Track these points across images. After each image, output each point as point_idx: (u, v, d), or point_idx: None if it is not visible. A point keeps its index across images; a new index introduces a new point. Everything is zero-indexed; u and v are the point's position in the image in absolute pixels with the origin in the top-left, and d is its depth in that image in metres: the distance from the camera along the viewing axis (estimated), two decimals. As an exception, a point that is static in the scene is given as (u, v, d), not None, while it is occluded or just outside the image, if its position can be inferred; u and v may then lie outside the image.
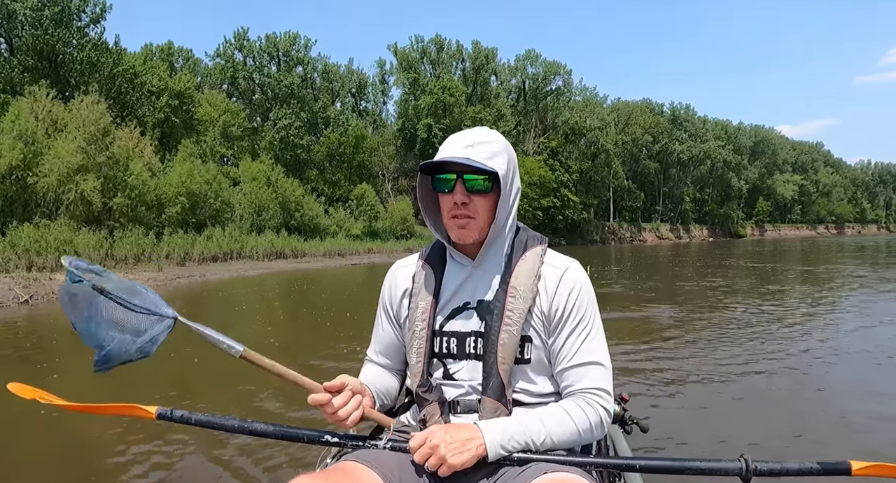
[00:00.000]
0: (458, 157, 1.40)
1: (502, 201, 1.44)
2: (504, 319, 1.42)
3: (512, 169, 1.47)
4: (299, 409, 4.78)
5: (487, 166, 1.39)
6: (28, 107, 24.43)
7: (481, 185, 1.42)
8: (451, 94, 55.00)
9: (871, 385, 5.39)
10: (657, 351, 7.01)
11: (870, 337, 7.66)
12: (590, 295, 1.48)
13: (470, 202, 1.43)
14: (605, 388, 1.41)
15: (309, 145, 50.17)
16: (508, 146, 1.49)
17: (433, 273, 1.55)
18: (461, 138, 1.45)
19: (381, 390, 1.57)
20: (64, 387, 6.00)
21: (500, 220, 1.45)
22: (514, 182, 1.49)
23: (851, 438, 4.07)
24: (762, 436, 4.11)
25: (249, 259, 27.47)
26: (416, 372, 1.50)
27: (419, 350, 1.49)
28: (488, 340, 1.43)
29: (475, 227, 1.45)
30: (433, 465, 1.24)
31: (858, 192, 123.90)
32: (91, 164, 23.76)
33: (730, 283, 15.86)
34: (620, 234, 71.70)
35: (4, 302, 12.93)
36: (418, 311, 1.52)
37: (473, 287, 1.50)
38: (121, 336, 1.29)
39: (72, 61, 34.09)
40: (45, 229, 20.18)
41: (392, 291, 1.63)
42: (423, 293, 1.53)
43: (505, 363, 1.41)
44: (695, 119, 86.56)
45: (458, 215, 1.44)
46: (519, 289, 1.44)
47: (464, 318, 1.48)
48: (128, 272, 19.00)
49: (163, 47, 48.94)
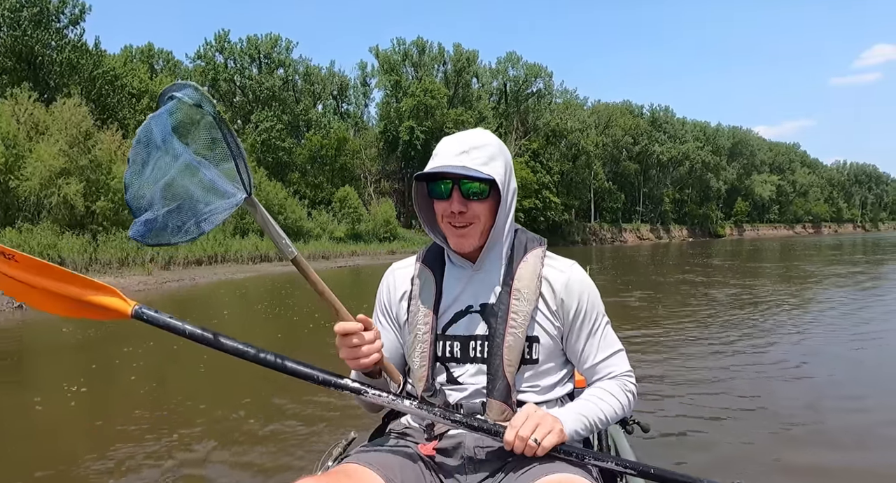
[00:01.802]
0: (452, 167, 1.37)
1: (502, 206, 1.43)
2: (509, 322, 1.42)
3: (508, 171, 1.45)
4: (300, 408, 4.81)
5: (484, 173, 1.37)
6: (9, 109, 24.14)
7: (478, 191, 1.40)
8: (433, 96, 55.06)
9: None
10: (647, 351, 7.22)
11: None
12: (596, 293, 1.52)
13: (468, 209, 1.40)
14: (630, 369, 1.53)
15: (291, 148, 49.93)
16: (503, 147, 1.46)
17: (433, 276, 1.52)
18: (455, 143, 1.42)
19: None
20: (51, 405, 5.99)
21: (499, 225, 1.44)
22: (511, 184, 1.47)
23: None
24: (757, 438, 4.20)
25: (234, 262, 27.37)
26: (420, 376, 1.46)
27: (423, 354, 1.47)
28: (493, 343, 1.42)
29: (474, 234, 1.43)
30: (543, 433, 1.26)
31: (835, 191, 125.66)
32: (73, 168, 23.54)
33: (709, 279, 16.20)
34: (602, 235, 72.17)
35: (-1, 307, 12.85)
36: (420, 315, 1.49)
37: (475, 290, 1.49)
38: (181, 203, 1.13)
39: (51, 63, 33.72)
40: (27, 233, 20.03)
41: (391, 293, 1.60)
42: (425, 296, 1.51)
43: (511, 365, 1.41)
44: (674, 120, 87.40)
45: (457, 223, 1.42)
46: (523, 291, 1.44)
47: (467, 322, 1.47)
48: (116, 276, 18.89)
49: (143, 49, 48.55)
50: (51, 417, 5.06)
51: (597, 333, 1.50)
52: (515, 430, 1.27)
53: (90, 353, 8.19)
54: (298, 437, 4.02)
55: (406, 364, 1.57)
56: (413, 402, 1.33)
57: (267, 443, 3.99)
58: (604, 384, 1.49)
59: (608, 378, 1.51)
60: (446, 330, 1.48)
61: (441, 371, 1.48)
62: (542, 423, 1.28)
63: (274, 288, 18.75)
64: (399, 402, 1.32)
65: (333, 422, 4.29)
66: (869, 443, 3.98)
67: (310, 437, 4.03)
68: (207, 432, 4.19)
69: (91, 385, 6.18)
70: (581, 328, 1.48)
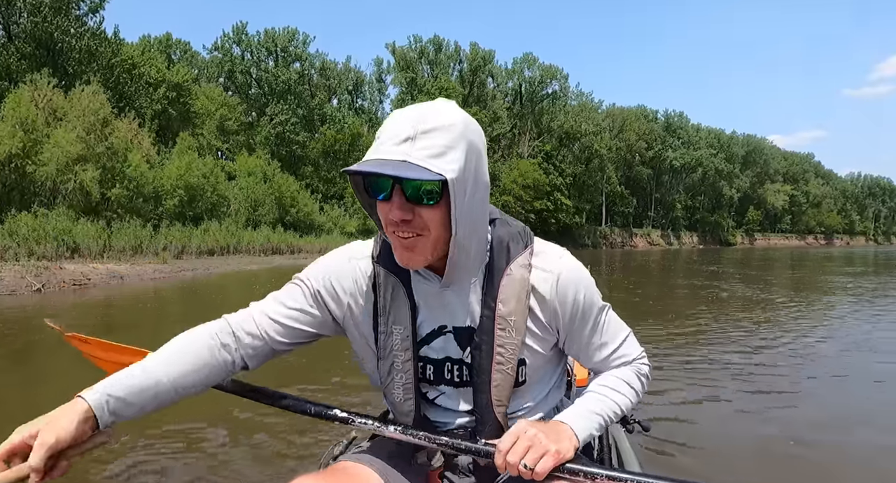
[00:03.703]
0: (388, 162, 1.02)
1: (459, 211, 1.07)
2: (495, 358, 1.20)
3: (474, 161, 1.09)
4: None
5: (433, 171, 1.02)
6: (29, 94, 24.25)
7: (428, 192, 1.06)
8: (448, 94, 54.93)
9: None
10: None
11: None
12: (590, 281, 1.27)
13: (413, 216, 1.07)
14: (642, 350, 1.37)
15: (304, 142, 50.13)
16: (469, 126, 1.08)
17: (403, 288, 1.23)
18: (401, 124, 1.05)
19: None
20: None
21: (461, 234, 1.11)
22: (480, 176, 1.11)
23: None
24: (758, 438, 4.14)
25: (246, 254, 27.40)
26: (405, 411, 1.28)
27: (406, 387, 1.26)
28: (478, 379, 1.22)
29: (425, 248, 1.11)
30: (534, 458, 1.08)
31: (848, 203, 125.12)
32: (90, 154, 23.64)
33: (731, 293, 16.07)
34: (612, 239, 72.05)
35: (17, 290, 12.90)
36: (396, 339, 1.24)
37: (448, 311, 1.23)
38: None
39: (70, 50, 33.84)
40: (43, 218, 20.05)
41: (341, 283, 1.27)
42: (398, 316, 1.23)
43: (501, 405, 1.23)
44: (688, 127, 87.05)
45: (401, 233, 1.09)
46: (510, 320, 1.19)
47: (441, 343, 1.25)
48: (131, 264, 18.96)
49: (161, 39, 48.82)
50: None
51: (599, 327, 1.29)
52: (503, 455, 1.11)
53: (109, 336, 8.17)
54: (298, 435, 3.95)
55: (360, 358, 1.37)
56: (398, 428, 1.24)
57: (267, 439, 3.91)
58: (617, 372, 1.33)
59: (621, 365, 1.35)
60: (417, 351, 1.26)
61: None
62: (535, 446, 1.10)
63: (286, 280, 18.73)
64: (384, 429, 1.26)
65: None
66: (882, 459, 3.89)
67: (310, 434, 3.97)
68: (206, 428, 4.12)
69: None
70: (581, 328, 1.28)
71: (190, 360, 1.18)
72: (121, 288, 14.99)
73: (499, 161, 58.90)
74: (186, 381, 1.17)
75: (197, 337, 1.23)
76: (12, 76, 29.78)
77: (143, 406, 1.12)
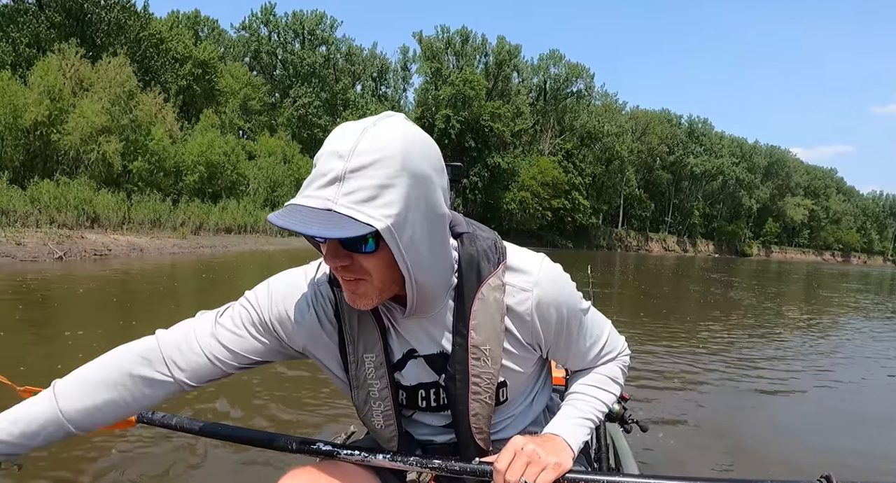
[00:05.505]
0: (308, 212, 0.88)
1: (406, 254, 0.93)
2: (471, 388, 1.13)
3: (421, 193, 0.92)
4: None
5: (361, 221, 0.87)
6: (56, 63, 24.34)
7: (363, 240, 0.92)
8: (472, 87, 54.83)
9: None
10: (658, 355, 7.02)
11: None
12: (570, 288, 1.16)
13: (352, 262, 0.95)
14: (622, 343, 1.31)
15: (326, 125, 50.16)
16: (410, 153, 0.90)
17: (368, 312, 1.10)
18: (330, 159, 0.89)
19: (27, 426, 1.03)
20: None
21: (415, 274, 0.97)
22: (431, 207, 0.95)
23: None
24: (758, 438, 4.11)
25: (263, 234, 27.50)
26: (387, 438, 1.21)
27: (387, 414, 1.18)
28: (455, 408, 1.16)
29: (369, 293, 1.00)
30: (534, 473, 1.03)
31: (868, 222, 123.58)
32: (114, 126, 23.74)
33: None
34: (627, 242, 71.78)
35: (39, 257, 12.97)
36: (369, 367, 1.13)
37: (416, 337, 1.14)
38: None
39: (99, 21, 33.93)
40: (65, 187, 20.15)
41: (299, 309, 1.13)
42: (367, 343, 1.12)
43: (482, 434, 1.18)
44: (711, 134, 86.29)
45: (343, 276, 0.98)
46: (484, 349, 1.10)
47: (413, 368, 1.16)
48: (151, 237, 19.05)
49: (189, 15, 48.88)
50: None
51: (584, 332, 1.22)
52: (502, 475, 1.03)
53: (122, 310, 8.13)
54: (298, 431, 3.87)
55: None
56: (386, 456, 1.14)
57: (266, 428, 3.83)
58: (603, 369, 1.28)
59: (607, 361, 1.30)
60: (392, 377, 1.18)
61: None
62: (533, 461, 1.04)
63: (301, 262, 18.75)
64: (372, 459, 1.15)
65: (333, 416, 4.17)
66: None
67: (309, 430, 3.91)
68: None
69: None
70: (567, 339, 1.20)
71: (103, 390, 1.07)
72: (141, 260, 15.04)
73: (519, 157, 58.72)
74: (96, 416, 1.08)
75: (121, 359, 1.10)
76: (41, 44, 29.91)
77: (30, 446, 1.04)
